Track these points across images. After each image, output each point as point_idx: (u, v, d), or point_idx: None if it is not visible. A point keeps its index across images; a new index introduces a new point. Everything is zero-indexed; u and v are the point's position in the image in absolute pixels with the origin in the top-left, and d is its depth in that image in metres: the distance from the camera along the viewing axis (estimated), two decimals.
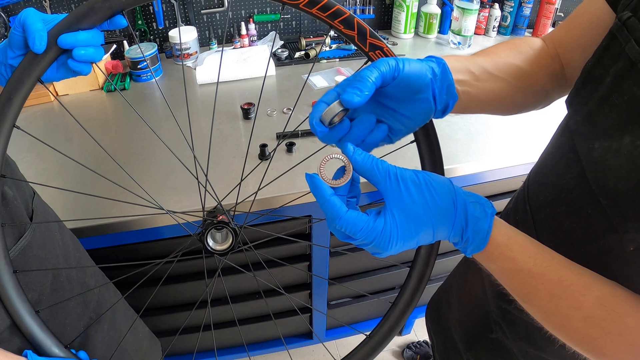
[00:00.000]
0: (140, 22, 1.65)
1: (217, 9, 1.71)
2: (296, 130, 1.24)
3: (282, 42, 1.80)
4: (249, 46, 1.74)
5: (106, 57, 1.56)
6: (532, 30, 1.88)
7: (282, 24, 1.82)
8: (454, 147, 1.20)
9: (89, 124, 1.34)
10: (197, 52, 1.68)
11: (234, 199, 0.71)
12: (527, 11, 1.82)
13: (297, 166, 0.76)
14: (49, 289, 0.66)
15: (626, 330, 0.44)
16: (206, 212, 0.65)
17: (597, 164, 0.50)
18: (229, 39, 1.75)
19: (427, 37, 1.88)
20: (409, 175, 0.47)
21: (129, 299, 0.92)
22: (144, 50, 1.55)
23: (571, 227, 0.57)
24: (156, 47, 1.57)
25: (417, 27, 1.89)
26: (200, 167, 0.69)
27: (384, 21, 1.94)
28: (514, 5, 1.82)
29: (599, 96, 0.49)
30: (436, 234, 0.48)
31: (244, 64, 1.57)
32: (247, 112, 1.33)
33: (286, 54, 1.71)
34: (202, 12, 1.69)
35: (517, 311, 0.71)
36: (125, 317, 0.89)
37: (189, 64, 1.66)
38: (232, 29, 1.75)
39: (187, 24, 1.70)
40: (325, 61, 1.69)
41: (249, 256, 1.18)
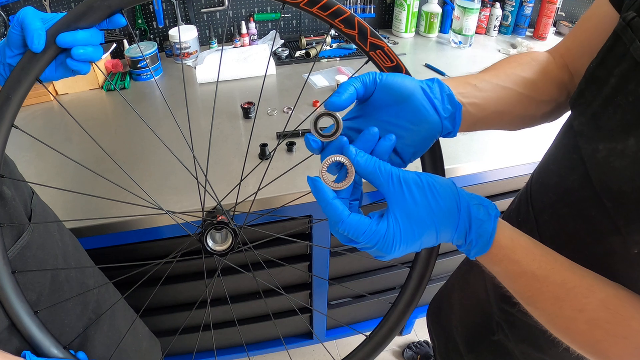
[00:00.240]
0: (140, 21, 1.65)
1: (218, 8, 1.70)
2: (296, 129, 1.23)
3: (282, 41, 1.79)
4: (249, 45, 1.74)
5: (106, 56, 1.55)
6: (533, 29, 1.87)
7: (282, 23, 1.81)
8: (454, 147, 1.20)
9: (88, 124, 1.34)
10: (197, 51, 1.67)
11: (233, 198, 0.71)
12: (528, 10, 1.82)
13: (298, 166, 0.76)
14: (47, 289, 0.66)
15: (631, 332, 0.44)
16: (206, 213, 0.65)
17: (601, 166, 0.49)
18: (229, 38, 1.75)
19: (428, 36, 1.88)
20: (411, 177, 0.47)
21: (128, 299, 0.92)
22: (143, 49, 1.55)
23: (574, 229, 0.56)
24: (156, 46, 1.57)
25: (418, 26, 1.89)
26: (199, 167, 0.69)
27: (385, 20, 1.93)
28: (515, 4, 1.81)
29: (603, 97, 0.49)
30: (439, 237, 0.48)
31: (244, 63, 1.56)
32: (247, 111, 1.33)
33: (286, 53, 1.70)
34: (203, 11, 1.69)
35: (520, 313, 0.70)
36: (124, 317, 0.89)
37: (189, 63, 1.66)
38: (232, 28, 1.75)
39: (187, 23, 1.70)
40: (325, 60, 1.68)
41: (249, 256, 1.18)
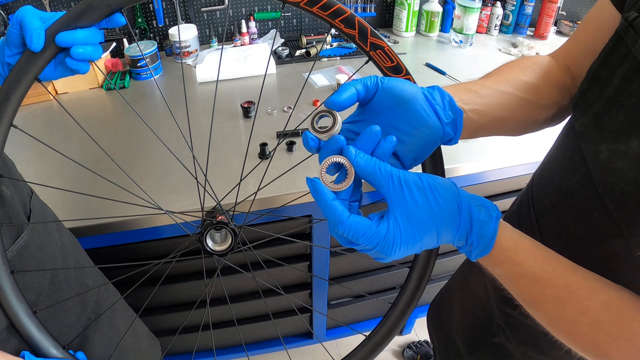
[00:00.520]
0: (140, 20, 1.64)
1: (218, 7, 1.70)
2: (297, 129, 1.23)
3: (282, 40, 1.79)
4: (250, 44, 1.73)
5: (106, 55, 1.55)
6: (534, 29, 1.87)
7: (282, 22, 1.81)
8: (455, 147, 1.18)
9: (88, 123, 1.33)
10: (197, 50, 1.67)
11: (233, 198, 0.71)
12: (529, 10, 1.81)
13: (298, 165, 0.75)
14: (46, 289, 0.66)
15: (633, 335, 0.44)
16: (205, 212, 0.64)
17: (603, 167, 0.49)
18: (229, 37, 1.74)
19: (429, 35, 1.88)
20: (412, 178, 0.46)
21: (127, 299, 0.92)
22: (143, 48, 1.54)
23: (576, 231, 0.56)
24: (156, 45, 1.56)
25: (418, 26, 1.89)
26: (199, 167, 0.68)
27: (385, 19, 1.93)
28: (516, 3, 1.81)
29: (606, 98, 0.48)
30: (440, 238, 0.47)
31: (244, 62, 1.56)
32: (247, 110, 1.32)
33: (287, 52, 1.70)
34: (203, 9, 1.68)
35: (521, 316, 0.70)
36: (124, 317, 0.88)
37: (189, 62, 1.65)
38: (232, 27, 1.74)
39: (187, 22, 1.69)
40: (326, 59, 1.68)
41: (249, 256, 1.17)
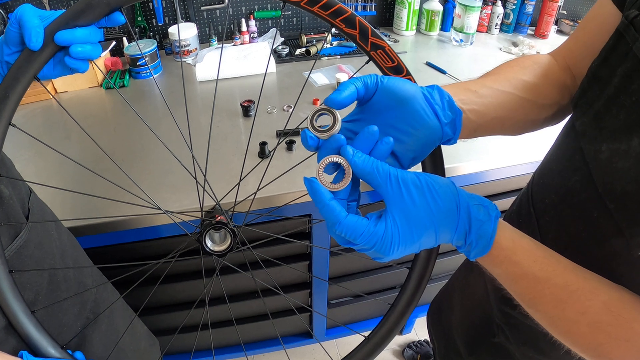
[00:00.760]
0: (139, 19, 1.64)
1: (217, 6, 1.69)
2: (297, 128, 1.22)
3: (282, 39, 1.78)
4: (249, 43, 1.73)
5: (105, 54, 1.55)
6: (534, 28, 1.86)
7: (282, 21, 1.81)
8: (456, 146, 1.17)
9: (87, 122, 1.33)
10: (196, 49, 1.67)
11: (232, 198, 0.71)
12: (529, 9, 1.81)
13: (297, 165, 0.75)
14: (45, 288, 0.65)
15: (633, 336, 0.43)
16: (204, 213, 0.64)
17: (604, 167, 0.49)
18: (229, 35, 1.74)
19: (429, 34, 1.87)
20: (410, 178, 0.46)
21: (126, 298, 0.91)
22: (143, 47, 1.54)
23: (576, 231, 0.56)
24: (155, 44, 1.56)
25: (419, 24, 1.88)
26: (198, 167, 0.68)
27: (386, 18, 1.92)
28: (516, 2, 1.81)
29: (606, 97, 0.48)
30: (439, 238, 0.47)
31: (244, 61, 1.56)
32: (247, 109, 1.32)
33: (287, 50, 1.69)
34: (202, 8, 1.68)
35: (521, 316, 0.70)
36: (122, 317, 0.88)
37: (189, 60, 1.65)
38: (232, 26, 1.74)
39: (187, 21, 1.69)
40: (326, 58, 1.68)
41: (248, 255, 1.17)
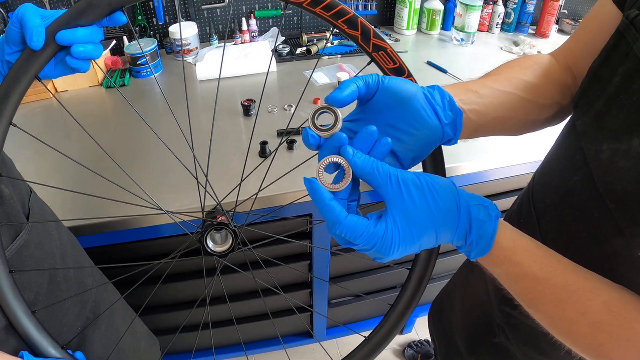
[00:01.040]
0: (140, 18, 1.64)
1: (218, 4, 1.69)
2: (298, 127, 1.22)
3: (283, 38, 1.78)
4: (250, 42, 1.73)
5: (105, 53, 1.55)
6: (535, 27, 1.86)
7: (283, 20, 1.81)
8: (456, 145, 1.17)
9: (87, 121, 1.33)
10: (197, 48, 1.66)
11: (233, 197, 0.71)
12: (530, 8, 1.80)
13: (299, 165, 0.75)
14: (45, 288, 0.65)
15: (634, 336, 0.43)
16: (205, 213, 0.64)
17: (605, 166, 0.49)
18: (229, 34, 1.74)
19: (430, 33, 1.87)
20: (410, 178, 0.46)
21: (126, 298, 0.91)
22: (143, 46, 1.54)
23: (577, 231, 0.56)
24: (156, 43, 1.56)
25: (419, 24, 1.88)
26: (199, 167, 0.68)
27: (386, 17, 1.92)
28: (517, 2, 1.80)
29: (607, 97, 0.48)
30: (439, 238, 0.47)
31: (245, 60, 1.55)
32: (247, 108, 1.32)
33: (287, 50, 1.69)
34: (203, 7, 1.68)
35: (522, 316, 0.70)
36: (123, 316, 0.88)
37: (189, 59, 1.65)
38: (232, 25, 1.74)
39: (187, 20, 1.69)
40: (326, 57, 1.67)
41: (249, 255, 1.17)
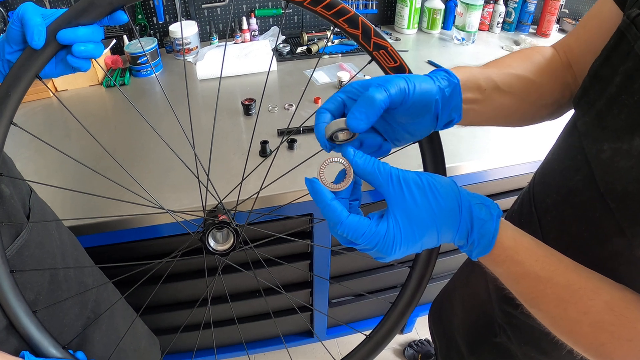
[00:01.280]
0: (140, 17, 1.64)
1: (218, 3, 1.69)
2: (298, 127, 1.22)
3: (283, 37, 1.78)
4: (250, 41, 1.73)
5: (106, 52, 1.54)
6: (536, 26, 1.86)
7: (284, 19, 1.80)
8: (457, 145, 1.19)
9: (88, 120, 1.33)
10: (197, 47, 1.66)
11: (234, 197, 0.71)
12: (531, 7, 1.80)
13: (300, 165, 0.75)
14: (46, 288, 0.65)
15: (636, 336, 0.43)
16: (207, 212, 0.64)
17: (606, 166, 0.49)
18: (230, 33, 1.74)
19: (431, 32, 1.87)
20: (411, 177, 0.46)
21: (127, 298, 0.91)
22: (144, 45, 1.54)
23: (578, 230, 0.56)
24: (156, 42, 1.56)
25: (420, 23, 1.88)
26: (201, 166, 0.68)
27: (387, 16, 1.92)
28: (518, 1, 1.80)
29: (608, 96, 0.48)
30: (441, 238, 0.47)
31: (245, 59, 1.55)
32: (248, 108, 1.32)
33: (288, 49, 1.69)
34: (203, 6, 1.68)
35: (523, 315, 0.70)
36: (123, 316, 0.88)
37: (190, 59, 1.65)
38: (233, 24, 1.74)
39: (187, 19, 1.69)
40: (327, 56, 1.67)
41: (250, 254, 1.17)
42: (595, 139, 0.51)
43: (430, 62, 1.63)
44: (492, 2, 1.81)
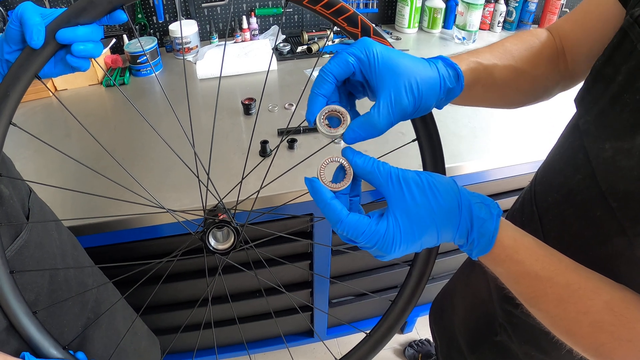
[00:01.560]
0: (140, 16, 1.64)
1: (218, 3, 1.69)
2: (298, 126, 1.22)
3: (284, 37, 1.78)
4: (251, 40, 1.73)
5: (105, 51, 1.54)
6: (537, 25, 1.86)
7: (284, 18, 1.80)
8: (457, 145, 1.19)
9: (87, 120, 1.33)
10: (197, 46, 1.66)
11: (234, 196, 0.70)
12: (532, 6, 1.80)
13: (299, 163, 0.75)
14: (46, 289, 0.65)
15: (636, 336, 0.43)
16: (207, 211, 0.64)
17: (607, 165, 0.49)
18: (230, 33, 1.74)
19: (431, 32, 1.87)
20: (411, 176, 0.46)
21: (127, 298, 0.91)
22: (143, 44, 1.54)
23: (579, 230, 0.56)
24: (156, 41, 1.56)
25: (421, 22, 1.88)
26: (201, 165, 0.68)
27: (388, 15, 1.92)
28: (519, 0, 1.80)
29: (610, 95, 0.48)
30: (440, 237, 0.47)
31: (245, 59, 1.55)
32: (248, 107, 1.32)
33: (288, 48, 1.69)
34: (203, 5, 1.68)
35: (524, 315, 0.70)
36: (123, 316, 0.88)
37: (190, 58, 1.65)
38: (233, 23, 1.73)
39: (187, 18, 1.68)
40: (327, 56, 1.67)
41: (250, 254, 1.17)
42: (597, 138, 0.51)
43: None
44: (493, 1, 1.80)
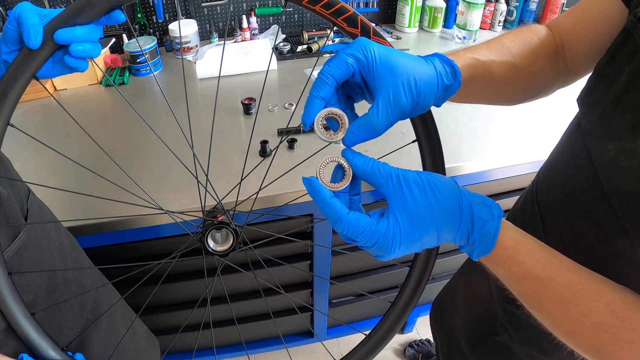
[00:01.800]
0: (139, 16, 1.63)
1: (218, 2, 1.68)
2: (298, 126, 1.22)
3: (284, 36, 1.78)
4: (250, 40, 1.72)
5: (105, 51, 1.54)
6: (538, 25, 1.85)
7: (284, 18, 1.80)
8: (458, 145, 1.19)
9: (87, 119, 1.33)
10: (197, 46, 1.66)
11: (234, 196, 0.70)
12: (533, 6, 1.79)
13: (299, 164, 0.75)
14: (44, 290, 0.65)
15: (637, 338, 0.43)
16: (206, 212, 0.64)
17: (610, 166, 0.48)
18: (230, 32, 1.73)
19: (432, 31, 1.86)
20: (412, 176, 0.46)
21: (126, 298, 0.91)
22: (143, 44, 1.53)
23: (581, 230, 0.55)
24: (156, 41, 1.55)
25: (421, 21, 1.87)
26: (200, 166, 0.68)
27: (388, 15, 1.91)
28: None
29: (613, 95, 0.48)
30: (441, 237, 0.47)
31: (245, 58, 1.55)
32: (248, 107, 1.31)
33: (288, 47, 1.69)
34: (203, 5, 1.67)
35: (525, 315, 0.69)
36: (122, 317, 0.88)
37: (189, 57, 1.64)
38: (233, 22, 1.73)
39: (187, 17, 1.68)
40: (328, 55, 1.67)
41: (250, 255, 1.17)
42: (599, 138, 0.50)
43: None
44: (493, 0, 1.80)
